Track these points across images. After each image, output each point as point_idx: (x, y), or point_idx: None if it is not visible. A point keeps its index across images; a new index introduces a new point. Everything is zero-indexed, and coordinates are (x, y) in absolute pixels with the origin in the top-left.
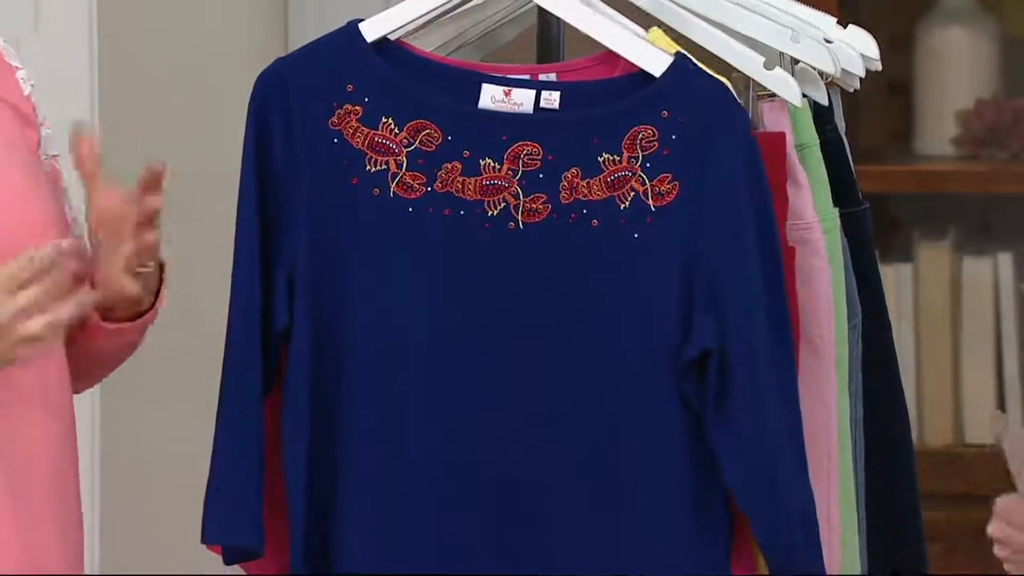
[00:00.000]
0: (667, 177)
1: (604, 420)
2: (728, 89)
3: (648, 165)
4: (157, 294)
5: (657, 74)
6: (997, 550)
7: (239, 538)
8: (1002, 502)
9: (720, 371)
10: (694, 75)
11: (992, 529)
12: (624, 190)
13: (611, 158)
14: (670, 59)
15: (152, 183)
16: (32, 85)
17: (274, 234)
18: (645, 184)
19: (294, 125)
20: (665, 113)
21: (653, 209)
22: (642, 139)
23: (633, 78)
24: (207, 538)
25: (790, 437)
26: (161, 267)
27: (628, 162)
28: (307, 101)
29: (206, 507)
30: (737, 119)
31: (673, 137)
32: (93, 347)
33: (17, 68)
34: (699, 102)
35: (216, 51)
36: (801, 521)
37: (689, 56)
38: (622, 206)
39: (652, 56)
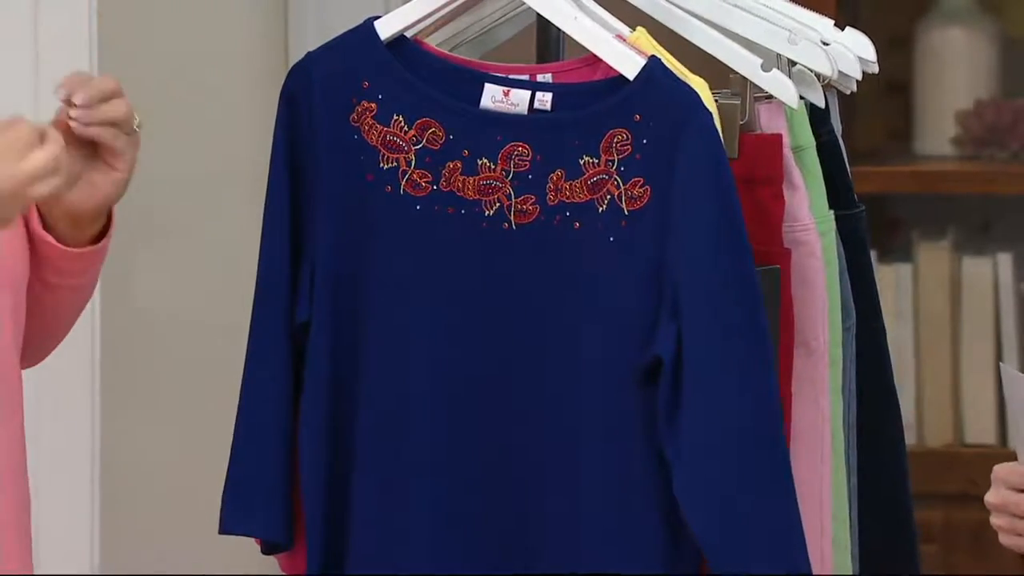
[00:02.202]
0: (639, 181)
1: (578, 420)
2: (696, 94)
3: (622, 169)
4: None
5: (631, 77)
6: (994, 518)
7: (254, 528)
8: (1001, 467)
9: (673, 379)
10: (664, 79)
11: (990, 496)
12: (602, 193)
13: (591, 160)
14: (643, 62)
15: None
16: None
17: (300, 228)
18: (620, 188)
19: (318, 120)
20: (637, 117)
21: (626, 213)
22: (617, 142)
23: (614, 80)
24: (223, 527)
25: (757, 452)
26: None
27: (605, 165)
28: (330, 97)
29: (224, 498)
30: (703, 124)
31: (644, 141)
32: (55, 287)
33: None
34: (667, 107)
35: (216, 51)
36: (767, 530)
37: (662, 59)
38: (600, 209)
39: (627, 59)
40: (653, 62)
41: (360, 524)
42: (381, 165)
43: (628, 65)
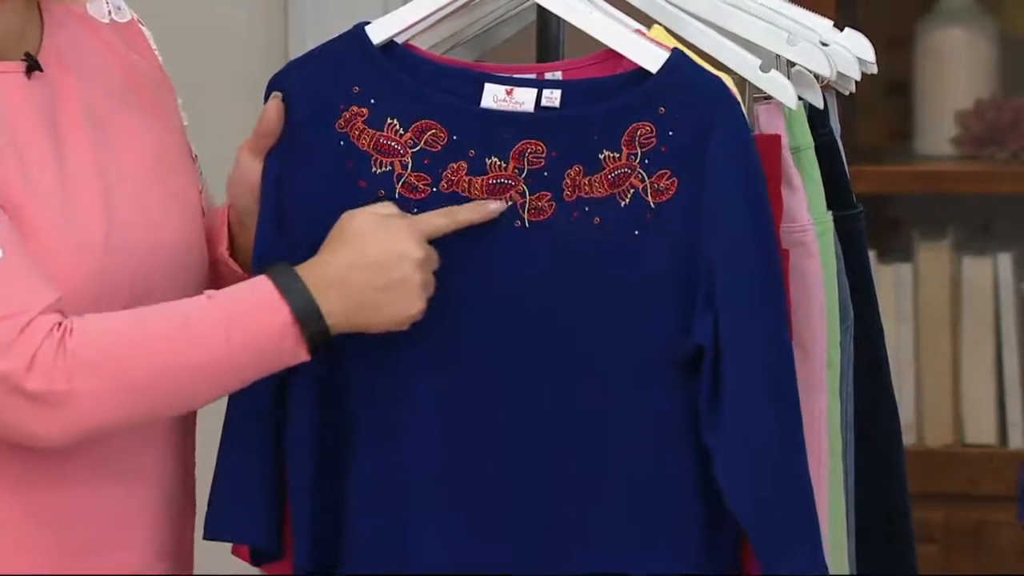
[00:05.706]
0: (666, 173)
1: (608, 416)
2: (724, 84)
3: (647, 162)
4: None
5: (654, 70)
6: None
7: (241, 534)
8: None
9: (713, 369)
10: (690, 71)
11: None
12: (624, 187)
13: (611, 155)
14: (666, 55)
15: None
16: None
17: (284, 235)
18: (644, 181)
19: (301, 128)
20: (662, 109)
21: (652, 206)
22: (640, 136)
23: (633, 75)
24: (207, 533)
25: (784, 440)
26: None
27: (627, 159)
28: (314, 104)
29: (209, 503)
30: (733, 114)
31: (670, 133)
32: None
33: (151, 43)
34: (695, 98)
35: (216, 51)
36: (795, 524)
37: (686, 52)
38: (622, 203)
39: (649, 52)
40: (677, 54)
41: (359, 529)
42: (373, 170)
43: (650, 59)
